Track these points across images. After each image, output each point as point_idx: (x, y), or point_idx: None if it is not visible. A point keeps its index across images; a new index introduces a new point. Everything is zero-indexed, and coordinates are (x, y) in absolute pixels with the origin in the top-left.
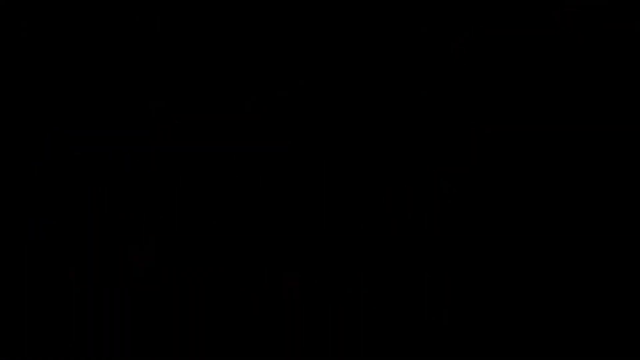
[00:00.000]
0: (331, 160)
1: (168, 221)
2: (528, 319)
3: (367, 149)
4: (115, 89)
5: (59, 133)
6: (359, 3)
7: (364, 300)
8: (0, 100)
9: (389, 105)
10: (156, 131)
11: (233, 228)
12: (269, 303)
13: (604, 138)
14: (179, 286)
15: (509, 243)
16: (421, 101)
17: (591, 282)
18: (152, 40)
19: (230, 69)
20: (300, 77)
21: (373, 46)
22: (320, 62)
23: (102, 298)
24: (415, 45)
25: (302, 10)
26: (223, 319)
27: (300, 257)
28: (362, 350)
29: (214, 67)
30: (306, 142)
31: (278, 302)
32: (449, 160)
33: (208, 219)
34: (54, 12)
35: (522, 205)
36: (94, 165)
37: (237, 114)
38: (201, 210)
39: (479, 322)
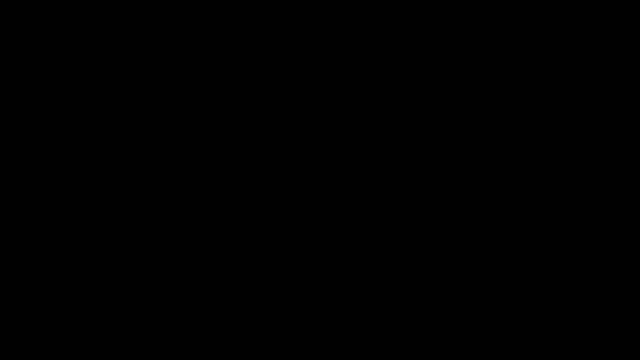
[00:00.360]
0: (331, 160)
1: (168, 221)
2: (528, 319)
3: (367, 149)
4: (115, 89)
5: (59, 133)
6: (359, 3)
7: (364, 300)
8: (0, 100)
9: (389, 105)
10: (156, 131)
11: (233, 228)
12: (269, 303)
13: (604, 138)
14: (179, 286)
15: (509, 243)
16: (421, 101)
17: (591, 282)
18: (152, 40)
19: (230, 69)
20: (300, 77)
21: (373, 46)
22: (320, 62)
23: (102, 298)
24: (415, 45)
25: (302, 11)
26: (223, 319)
27: (300, 257)
28: (362, 350)
29: (214, 67)
30: (306, 142)
31: (278, 302)
32: (449, 160)
33: (208, 219)
34: (54, 12)
35: (522, 205)
36: (94, 165)
37: (237, 114)
38: (201, 210)
39: (479, 322)
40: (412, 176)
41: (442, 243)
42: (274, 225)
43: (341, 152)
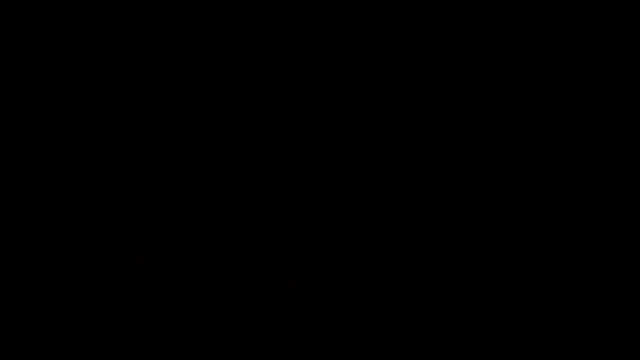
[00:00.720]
0: (331, 160)
1: (168, 221)
2: (528, 319)
3: (367, 149)
4: (115, 89)
5: (59, 133)
6: (359, 3)
7: (364, 300)
8: (0, 100)
9: (389, 105)
10: (156, 131)
11: (233, 228)
12: (269, 303)
13: (604, 138)
14: (179, 286)
15: (509, 243)
16: (421, 101)
17: (591, 282)
18: (152, 40)
19: (230, 69)
20: (300, 77)
21: (373, 46)
22: (320, 62)
23: (102, 298)
24: (415, 45)
25: (302, 11)
26: (223, 319)
27: (300, 257)
28: (362, 350)
29: (214, 67)
30: (306, 142)
31: (278, 302)
32: (449, 160)
33: (208, 219)
34: (54, 12)
35: (522, 205)
36: (94, 165)
37: (237, 114)
38: (201, 210)
39: (479, 322)
40: (412, 176)
41: (442, 243)
42: (274, 225)
43: (341, 152)
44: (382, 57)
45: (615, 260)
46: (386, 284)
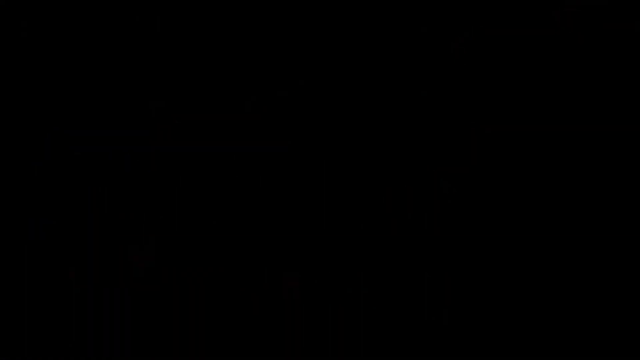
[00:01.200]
0: (331, 160)
1: (168, 221)
2: (528, 319)
3: (367, 149)
4: (115, 89)
5: (59, 133)
6: (359, 3)
7: (364, 300)
8: (0, 100)
9: (389, 105)
10: (156, 131)
11: (233, 228)
12: (269, 303)
13: (604, 138)
14: (179, 286)
15: (509, 243)
16: (421, 101)
17: (591, 282)
18: (152, 40)
19: (230, 69)
20: (300, 77)
21: (373, 46)
22: (320, 62)
23: (102, 298)
24: (415, 45)
25: (301, 11)
26: (223, 319)
27: (300, 257)
28: (362, 350)
29: (214, 67)
30: (306, 142)
31: (278, 302)
32: (449, 160)
33: (208, 219)
34: (54, 12)
35: (522, 205)
36: (94, 165)
37: (237, 114)
38: (201, 210)
39: (479, 322)
40: (412, 176)
41: (442, 243)
42: (274, 225)
43: (341, 152)
44: (382, 57)
45: (615, 260)
46: (386, 284)
